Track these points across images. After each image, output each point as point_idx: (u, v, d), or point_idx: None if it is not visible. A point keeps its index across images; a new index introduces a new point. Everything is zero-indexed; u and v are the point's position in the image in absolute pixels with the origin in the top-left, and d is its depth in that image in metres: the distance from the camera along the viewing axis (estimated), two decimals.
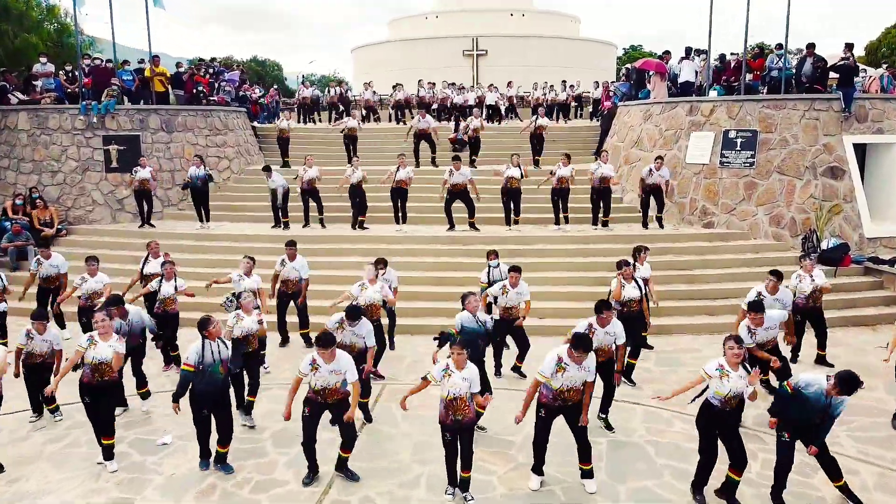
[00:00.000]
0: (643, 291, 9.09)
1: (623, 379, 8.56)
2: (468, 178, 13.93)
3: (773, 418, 6.40)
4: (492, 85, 24.92)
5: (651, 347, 10.52)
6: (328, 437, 6.99)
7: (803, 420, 6.21)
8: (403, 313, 11.51)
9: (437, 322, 10.83)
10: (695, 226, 14.71)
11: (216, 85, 18.89)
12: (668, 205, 15.31)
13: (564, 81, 25.26)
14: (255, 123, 21.04)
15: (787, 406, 6.31)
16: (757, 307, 7.67)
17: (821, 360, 9.83)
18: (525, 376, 9.28)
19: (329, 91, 26.10)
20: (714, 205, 14.57)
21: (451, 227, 14.31)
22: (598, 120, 22.78)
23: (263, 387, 8.44)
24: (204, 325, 6.70)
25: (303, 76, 31.50)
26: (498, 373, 9.42)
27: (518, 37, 38.83)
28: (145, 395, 8.53)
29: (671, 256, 13.18)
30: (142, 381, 8.51)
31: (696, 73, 16.10)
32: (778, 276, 8.74)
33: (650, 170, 14.00)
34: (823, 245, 13.17)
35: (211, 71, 19.25)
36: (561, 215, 14.37)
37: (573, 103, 25.22)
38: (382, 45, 42.84)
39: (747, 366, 6.31)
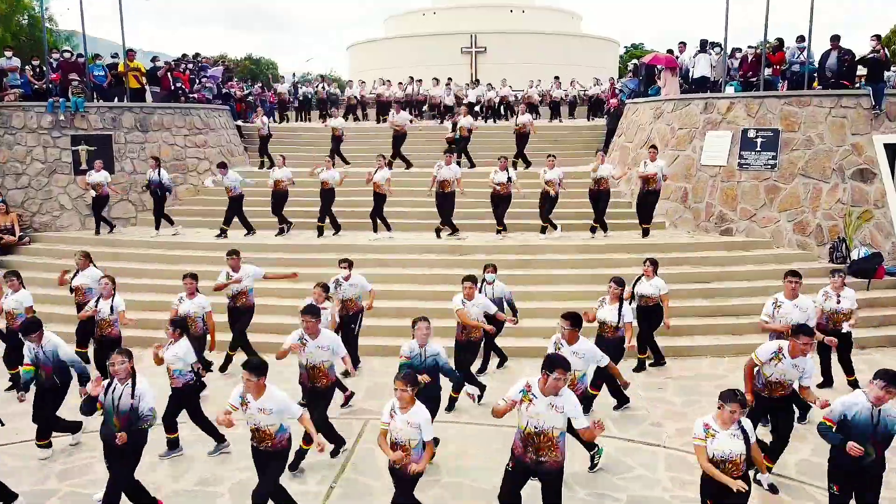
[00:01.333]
0: (620, 317, 7.91)
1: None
2: (457, 174, 12.83)
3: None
4: (486, 83, 23.79)
5: (643, 369, 9.49)
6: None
7: (855, 461, 5.07)
8: (390, 332, 10.37)
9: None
10: (711, 233, 13.56)
11: (197, 81, 17.69)
12: (681, 210, 14.17)
13: (557, 77, 24.06)
14: (240, 122, 19.85)
15: (837, 449, 5.19)
16: (805, 331, 6.19)
17: (854, 386, 8.67)
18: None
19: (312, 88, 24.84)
20: (732, 210, 13.41)
21: (454, 231, 13.19)
22: (595, 118, 21.71)
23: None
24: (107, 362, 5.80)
25: (294, 74, 30.35)
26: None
27: (518, 33, 37.78)
28: (45, 446, 7.12)
29: (688, 268, 12.02)
30: (44, 431, 7.07)
31: (712, 67, 14.93)
32: (796, 276, 7.62)
33: (644, 162, 12.93)
34: (854, 255, 12.02)
35: (191, 66, 18.03)
36: (550, 222, 13.32)
37: (573, 101, 24.02)
38: (378, 42, 41.77)
39: (746, 425, 4.93)
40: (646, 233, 13.20)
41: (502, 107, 22.80)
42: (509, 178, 12.76)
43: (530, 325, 10.48)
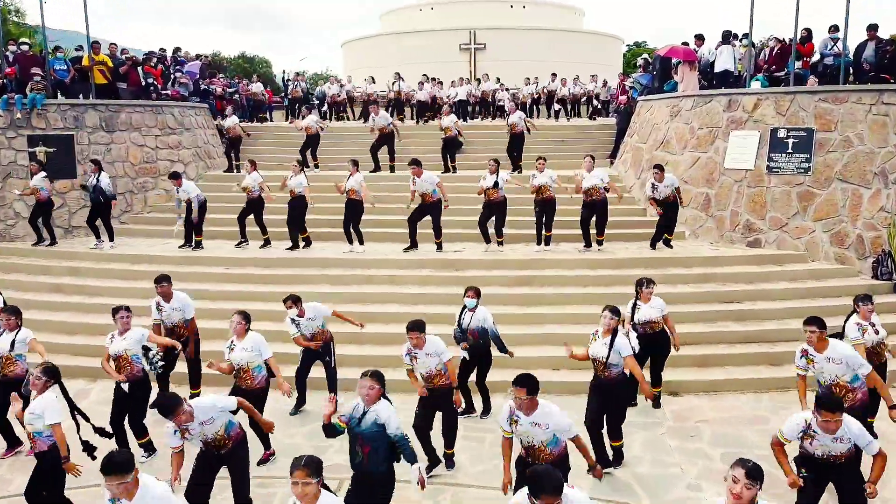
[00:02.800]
0: (611, 352, 6.42)
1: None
2: (434, 183, 11.46)
3: None
4: (480, 77, 22.44)
5: (657, 406, 8.11)
6: None
7: None
8: (376, 362, 8.96)
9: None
10: (737, 244, 12.16)
11: (172, 77, 16.28)
12: (702, 218, 12.78)
13: (554, 74, 22.69)
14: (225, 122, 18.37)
15: None
16: (826, 404, 4.82)
17: None
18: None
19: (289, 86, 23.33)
20: (761, 219, 12.02)
21: (413, 246, 11.85)
22: (597, 118, 20.38)
23: None
24: None
25: (283, 71, 28.96)
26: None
27: (519, 30, 36.54)
28: None
29: (713, 285, 10.63)
30: None
31: (736, 61, 13.54)
32: (814, 324, 5.96)
33: (652, 185, 11.54)
34: None
35: (166, 62, 16.62)
36: (544, 233, 11.93)
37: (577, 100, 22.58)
38: (374, 38, 40.43)
39: None
40: (667, 242, 11.89)
41: (492, 106, 21.39)
42: (496, 183, 11.41)
43: (532, 354, 9.11)
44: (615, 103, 17.77)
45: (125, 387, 6.77)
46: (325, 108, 21.77)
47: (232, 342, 6.75)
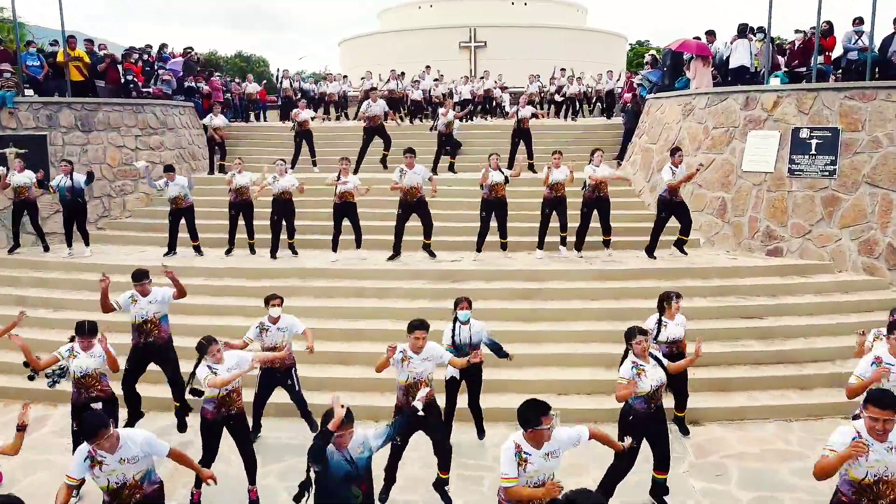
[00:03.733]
0: (661, 379, 5.73)
1: None
2: (426, 177, 10.64)
3: None
4: (481, 74, 21.68)
5: (686, 433, 7.35)
6: None
7: None
8: (362, 386, 8.14)
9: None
10: (756, 253, 11.29)
11: (155, 74, 15.43)
12: (718, 225, 11.91)
13: (563, 70, 21.84)
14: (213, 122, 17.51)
15: None
16: (880, 401, 4.06)
17: None
18: None
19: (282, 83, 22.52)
20: (782, 226, 11.14)
21: (396, 254, 10.97)
22: (594, 116, 19.55)
23: None
24: None
25: (277, 69, 28.17)
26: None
27: (520, 27, 35.72)
28: None
29: (733, 299, 9.76)
30: None
31: (753, 56, 12.66)
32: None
33: (672, 170, 10.63)
34: None
35: (147, 58, 15.75)
36: (560, 234, 11.08)
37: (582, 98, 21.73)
38: (372, 36, 39.61)
39: None
40: (681, 246, 11.08)
41: (492, 103, 20.58)
42: (507, 179, 10.60)
43: (534, 377, 8.27)
44: (621, 101, 16.88)
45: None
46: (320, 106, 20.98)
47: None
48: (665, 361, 5.87)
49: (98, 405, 6.02)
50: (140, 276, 7.14)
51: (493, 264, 10.66)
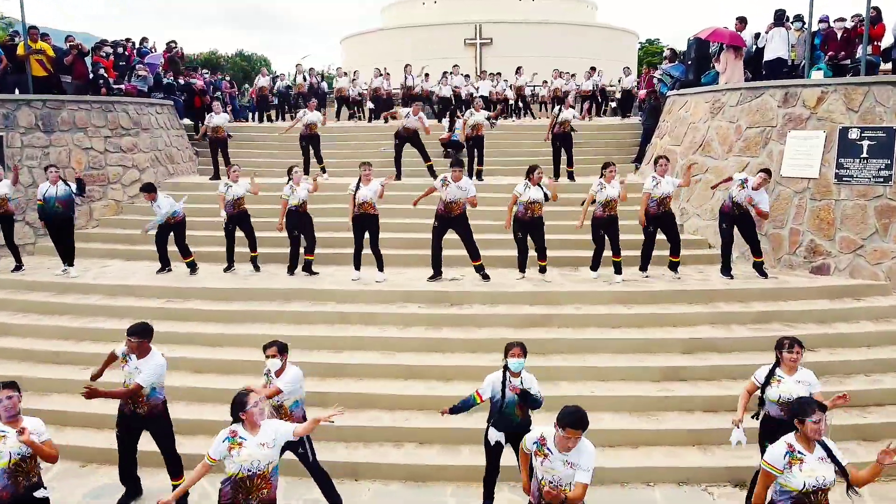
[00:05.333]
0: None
1: None
2: (471, 194, 9.22)
3: None
4: (495, 73, 20.36)
5: None
6: None
7: None
8: (350, 434, 6.83)
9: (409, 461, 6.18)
10: (799, 270, 9.88)
11: (130, 70, 14.14)
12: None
13: (593, 69, 20.58)
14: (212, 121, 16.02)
15: None
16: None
17: None
18: None
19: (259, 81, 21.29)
20: (829, 240, 9.74)
21: (437, 274, 9.53)
22: (627, 116, 18.16)
23: None
24: None
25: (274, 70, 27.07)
26: None
27: (527, 23, 34.48)
28: None
29: (778, 326, 8.36)
30: None
31: (790, 47, 11.26)
32: None
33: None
34: None
35: (121, 51, 14.45)
36: (612, 258, 9.47)
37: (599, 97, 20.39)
38: (374, 33, 38.43)
39: None
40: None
41: (520, 101, 19.33)
42: (546, 196, 9.14)
43: (549, 420, 6.87)
44: (638, 99, 15.50)
45: None
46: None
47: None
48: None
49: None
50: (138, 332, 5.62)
51: (497, 285, 9.28)
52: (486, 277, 9.43)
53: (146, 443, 5.90)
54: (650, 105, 14.11)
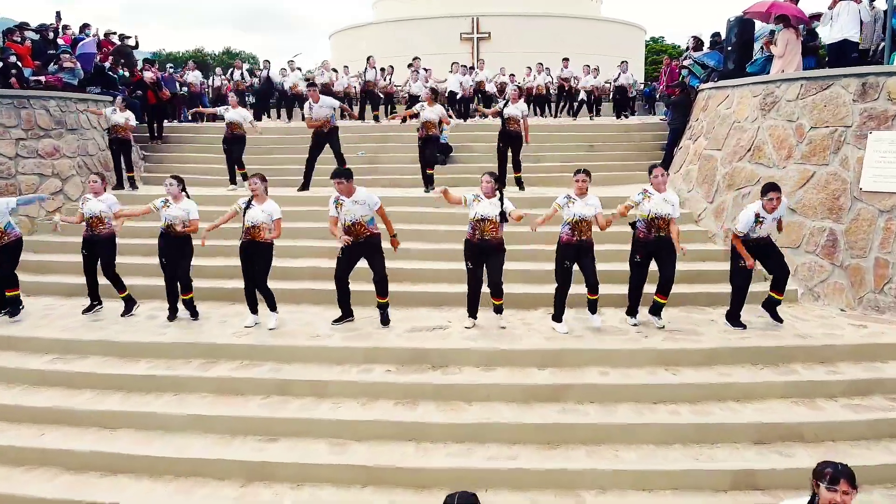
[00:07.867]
0: None
1: None
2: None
3: None
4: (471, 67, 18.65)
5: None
6: None
7: None
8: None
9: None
10: (889, 314, 7.56)
11: (54, 59, 11.80)
12: (826, 269, 8.19)
13: (588, 66, 18.35)
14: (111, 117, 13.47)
15: None
16: None
17: None
18: None
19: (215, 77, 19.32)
20: None
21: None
22: (627, 116, 15.95)
23: None
24: None
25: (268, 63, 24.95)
26: None
27: (527, 16, 32.49)
28: None
29: (879, 401, 6.04)
30: None
31: (863, 25, 8.97)
32: None
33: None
34: None
35: (51, 36, 12.11)
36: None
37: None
38: (365, 27, 36.43)
39: None
40: (771, 307, 7.26)
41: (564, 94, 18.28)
42: (503, 214, 6.85)
43: None
44: (663, 92, 13.21)
45: None
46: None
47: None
48: None
49: None
50: None
51: (494, 338, 6.95)
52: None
53: None
54: (678, 100, 11.79)
